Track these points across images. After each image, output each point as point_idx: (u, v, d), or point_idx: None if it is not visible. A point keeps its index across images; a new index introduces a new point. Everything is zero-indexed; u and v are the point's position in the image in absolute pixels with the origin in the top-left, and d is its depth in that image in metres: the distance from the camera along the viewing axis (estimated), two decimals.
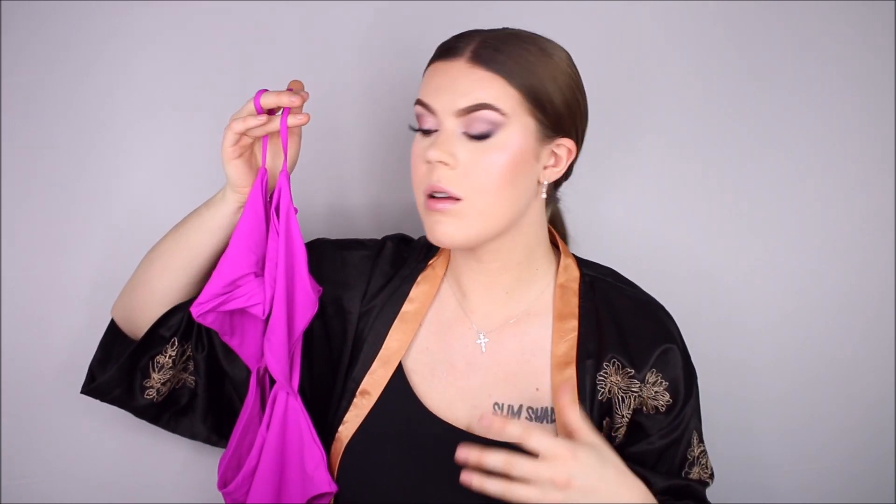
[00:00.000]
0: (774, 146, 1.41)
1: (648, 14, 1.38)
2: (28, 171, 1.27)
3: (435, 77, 1.07)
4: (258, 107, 1.04)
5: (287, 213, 1.05)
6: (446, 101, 1.04)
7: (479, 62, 1.04)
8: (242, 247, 1.06)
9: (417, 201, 1.08)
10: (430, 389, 1.12)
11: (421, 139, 1.08)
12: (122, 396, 1.14)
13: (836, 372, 1.43)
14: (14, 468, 1.27)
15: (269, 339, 1.06)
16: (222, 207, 1.09)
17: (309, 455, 1.08)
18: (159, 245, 1.14)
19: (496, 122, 1.04)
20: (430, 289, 1.16)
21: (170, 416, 1.17)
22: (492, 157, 1.04)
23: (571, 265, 1.17)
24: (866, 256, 1.42)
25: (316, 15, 1.33)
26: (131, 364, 1.13)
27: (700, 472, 1.13)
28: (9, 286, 1.27)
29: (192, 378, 1.15)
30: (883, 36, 1.40)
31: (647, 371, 1.11)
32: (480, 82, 1.04)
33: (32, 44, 1.26)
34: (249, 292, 1.06)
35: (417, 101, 1.08)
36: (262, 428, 1.09)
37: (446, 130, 1.05)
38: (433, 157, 1.03)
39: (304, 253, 1.06)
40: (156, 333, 1.12)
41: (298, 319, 1.07)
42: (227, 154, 1.06)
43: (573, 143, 1.10)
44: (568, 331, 1.12)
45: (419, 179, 1.07)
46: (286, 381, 1.07)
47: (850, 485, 1.45)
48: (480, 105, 1.03)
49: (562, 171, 1.11)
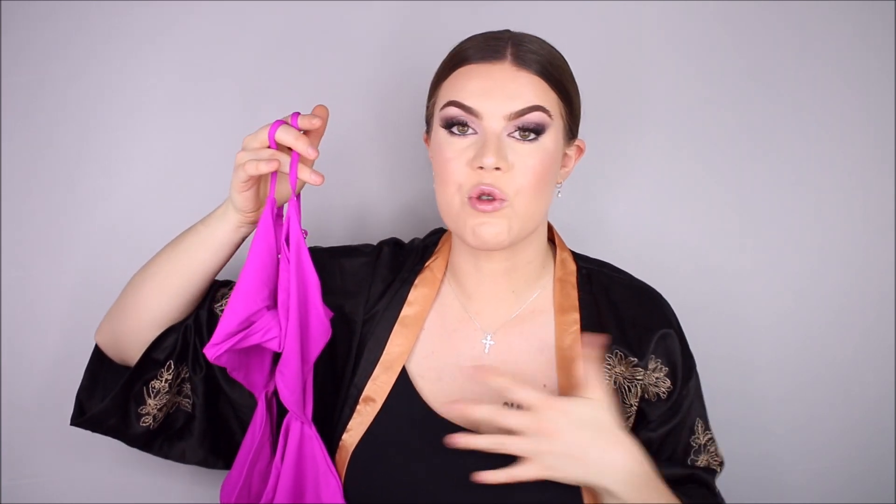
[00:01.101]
0: (775, 145, 1.41)
1: (649, 14, 1.38)
2: (28, 171, 1.27)
3: (475, 80, 1.05)
4: (272, 141, 1.00)
5: (298, 241, 1.02)
6: (496, 104, 1.03)
7: (524, 65, 1.04)
8: (255, 281, 1.02)
9: (450, 202, 1.05)
10: (437, 393, 1.11)
11: (453, 140, 1.05)
12: (117, 426, 1.12)
13: (836, 371, 1.43)
14: (14, 468, 1.27)
15: (283, 371, 1.03)
16: (223, 225, 1.07)
17: (325, 483, 1.06)
18: (151, 265, 1.11)
19: (545, 124, 1.04)
20: (429, 291, 1.15)
21: (162, 441, 1.15)
22: (536, 159, 1.04)
23: (568, 259, 1.17)
24: (866, 256, 1.42)
25: (317, 15, 1.33)
26: (125, 392, 1.10)
27: (708, 460, 1.14)
28: (9, 286, 1.27)
29: (188, 401, 1.13)
30: (883, 36, 1.40)
31: (648, 357, 1.12)
32: (529, 86, 1.04)
33: (32, 44, 1.26)
34: (265, 327, 1.03)
35: (453, 104, 1.05)
36: (277, 460, 1.07)
37: (495, 134, 1.03)
38: (490, 163, 1.02)
39: (316, 281, 1.03)
40: (149, 357, 1.10)
41: (312, 347, 1.05)
42: (237, 188, 1.04)
43: (583, 142, 1.12)
44: (570, 323, 1.12)
45: (457, 180, 1.04)
46: (300, 411, 1.05)
47: (850, 485, 1.45)
48: (533, 107, 1.03)
49: (570, 171, 1.13)
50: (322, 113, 1.04)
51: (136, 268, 1.15)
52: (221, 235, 1.07)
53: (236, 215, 1.06)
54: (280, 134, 1.00)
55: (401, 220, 1.38)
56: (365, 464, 1.09)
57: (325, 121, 1.04)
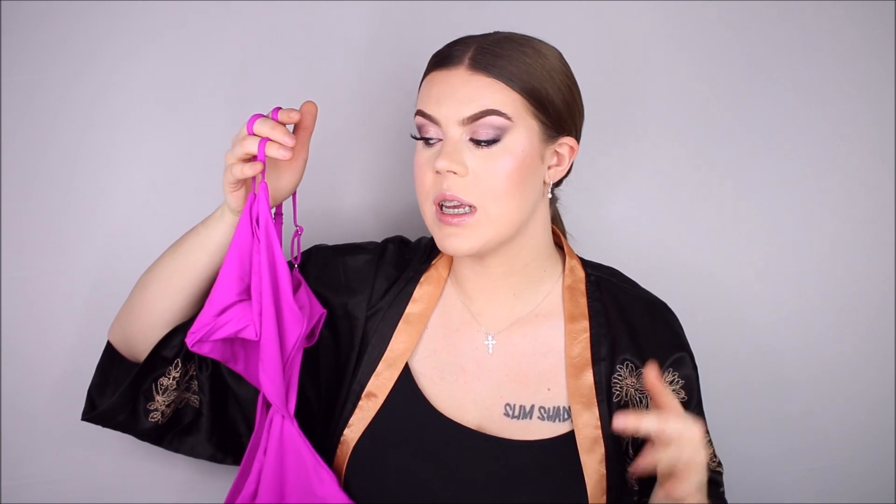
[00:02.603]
0: (775, 145, 1.41)
1: (649, 13, 1.38)
2: (28, 171, 1.27)
3: (434, 87, 1.06)
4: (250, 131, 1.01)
5: (266, 225, 1.02)
6: (450, 110, 1.03)
7: (479, 68, 1.04)
8: (231, 275, 1.04)
9: (424, 211, 1.07)
10: (439, 391, 1.12)
11: (423, 149, 1.07)
12: (126, 421, 1.13)
13: (836, 372, 1.43)
14: (14, 468, 1.27)
15: (262, 358, 1.04)
16: (220, 225, 1.08)
17: (317, 479, 1.06)
18: (156, 266, 1.12)
19: (502, 126, 1.03)
20: (433, 290, 1.15)
21: (173, 436, 1.16)
22: (500, 163, 1.04)
23: (577, 266, 1.17)
24: (866, 256, 1.42)
25: (315, 16, 1.33)
26: (134, 388, 1.11)
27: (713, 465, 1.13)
28: (9, 286, 1.27)
29: (196, 397, 1.14)
30: (883, 36, 1.40)
31: (663, 373, 1.12)
32: (483, 89, 1.03)
33: (32, 44, 1.26)
34: (237, 316, 1.03)
35: (418, 112, 1.07)
36: (260, 453, 1.07)
37: (452, 139, 1.04)
38: (442, 167, 1.02)
39: (286, 269, 1.03)
40: (158, 355, 1.11)
41: (289, 335, 1.04)
42: (227, 188, 1.05)
43: (574, 140, 1.10)
44: (580, 332, 1.12)
45: (426, 189, 1.06)
46: (282, 404, 1.05)
47: (850, 485, 1.44)
48: (486, 111, 1.03)
49: (565, 170, 1.12)
50: (309, 109, 1.05)
51: (136, 265, 1.16)
52: (219, 236, 1.08)
53: (231, 215, 1.07)
54: (257, 126, 1.01)
55: (402, 221, 1.38)
56: (366, 459, 1.09)
57: (313, 116, 1.05)
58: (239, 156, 1.02)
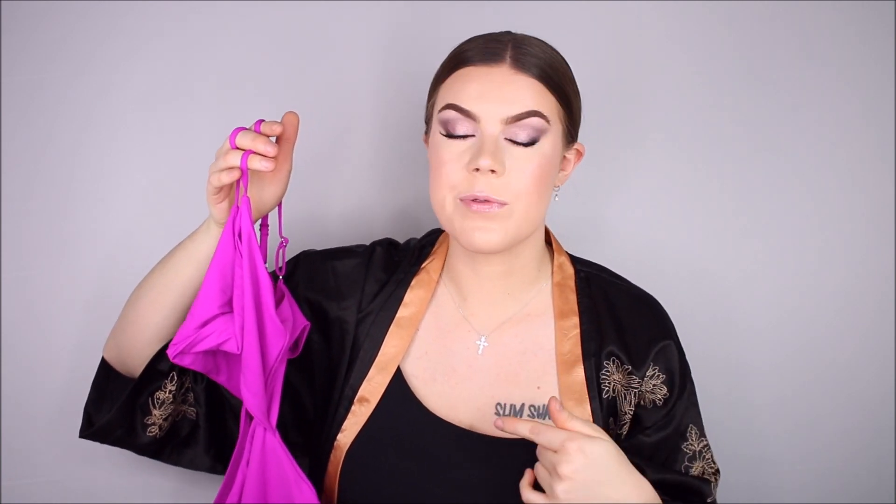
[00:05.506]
0: (775, 146, 1.41)
1: (649, 14, 1.38)
2: (28, 171, 1.27)
3: (473, 82, 1.04)
4: (233, 144, 1.01)
5: (249, 239, 1.02)
6: (493, 107, 1.03)
7: (523, 68, 1.04)
8: (213, 288, 1.03)
9: (442, 202, 1.06)
10: (431, 393, 1.12)
11: (450, 143, 1.05)
12: (124, 437, 1.13)
13: (836, 372, 1.43)
14: (14, 468, 1.27)
15: (244, 371, 1.03)
16: (207, 239, 1.08)
17: (297, 491, 1.05)
18: (146, 282, 1.12)
19: (541, 129, 1.04)
20: (425, 293, 1.15)
21: (171, 449, 1.16)
22: (534, 164, 1.04)
23: (566, 262, 1.17)
24: (866, 256, 1.42)
25: (317, 16, 1.33)
26: (131, 403, 1.11)
27: (703, 468, 1.13)
28: (9, 287, 1.27)
29: (193, 409, 1.14)
30: (883, 36, 1.40)
31: (647, 367, 1.12)
32: (527, 90, 1.03)
33: (32, 43, 1.26)
34: (218, 329, 1.03)
35: (451, 107, 1.05)
36: (243, 464, 1.07)
37: (492, 137, 1.03)
38: (486, 165, 1.01)
39: (268, 283, 1.03)
40: (153, 369, 1.10)
41: (271, 348, 1.04)
42: (210, 200, 1.05)
43: (583, 146, 1.12)
44: (570, 328, 1.13)
45: (452, 184, 1.05)
46: (264, 417, 1.04)
47: (850, 485, 1.44)
48: (530, 112, 1.03)
49: (569, 175, 1.12)
50: (290, 119, 1.04)
51: (136, 265, 1.16)
52: (206, 249, 1.08)
53: (217, 228, 1.07)
54: (239, 138, 1.01)
55: (396, 222, 1.38)
56: (359, 463, 1.10)
57: (295, 127, 1.05)
58: (221, 168, 1.02)
